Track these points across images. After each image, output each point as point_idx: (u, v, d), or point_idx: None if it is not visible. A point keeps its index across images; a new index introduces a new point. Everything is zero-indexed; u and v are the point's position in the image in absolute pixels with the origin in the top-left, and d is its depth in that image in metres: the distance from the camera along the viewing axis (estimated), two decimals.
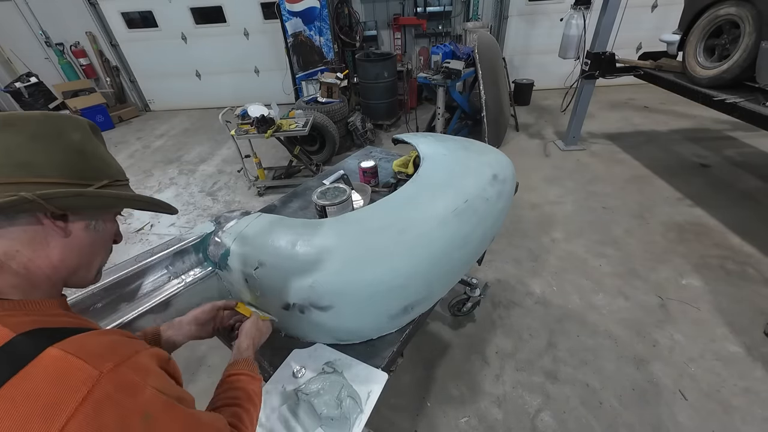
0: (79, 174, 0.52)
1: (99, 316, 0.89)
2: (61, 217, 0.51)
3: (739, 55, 2.30)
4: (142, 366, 0.47)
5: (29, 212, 0.48)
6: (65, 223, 0.51)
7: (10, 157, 0.47)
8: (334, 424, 0.79)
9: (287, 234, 0.98)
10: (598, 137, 4.10)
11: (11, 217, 0.47)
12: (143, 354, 0.49)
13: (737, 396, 1.58)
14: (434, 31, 5.20)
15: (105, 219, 0.59)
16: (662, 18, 5.02)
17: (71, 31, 5.72)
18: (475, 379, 1.73)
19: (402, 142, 1.49)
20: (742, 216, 2.64)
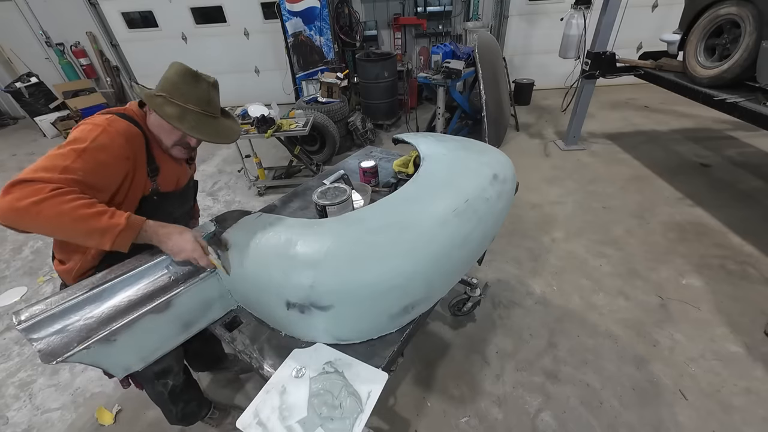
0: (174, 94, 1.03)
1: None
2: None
3: (740, 55, 2.29)
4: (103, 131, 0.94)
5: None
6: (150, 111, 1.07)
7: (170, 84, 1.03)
8: (334, 424, 0.79)
9: (287, 234, 0.98)
10: (599, 137, 4.10)
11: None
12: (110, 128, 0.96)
13: (737, 396, 1.58)
14: (434, 31, 5.20)
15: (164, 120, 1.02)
16: (663, 18, 5.02)
17: (71, 31, 5.72)
18: (475, 379, 1.73)
19: (402, 142, 1.49)
20: (743, 216, 2.64)
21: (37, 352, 0.80)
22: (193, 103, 1.04)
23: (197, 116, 1.04)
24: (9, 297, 2.49)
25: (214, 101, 1.09)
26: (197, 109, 1.04)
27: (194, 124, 1.03)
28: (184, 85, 1.03)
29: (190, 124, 1.02)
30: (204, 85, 1.06)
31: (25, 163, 4.76)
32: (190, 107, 1.03)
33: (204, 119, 1.06)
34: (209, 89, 1.07)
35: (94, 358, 0.85)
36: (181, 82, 1.02)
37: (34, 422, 1.71)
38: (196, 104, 1.04)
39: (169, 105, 1.01)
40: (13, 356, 2.04)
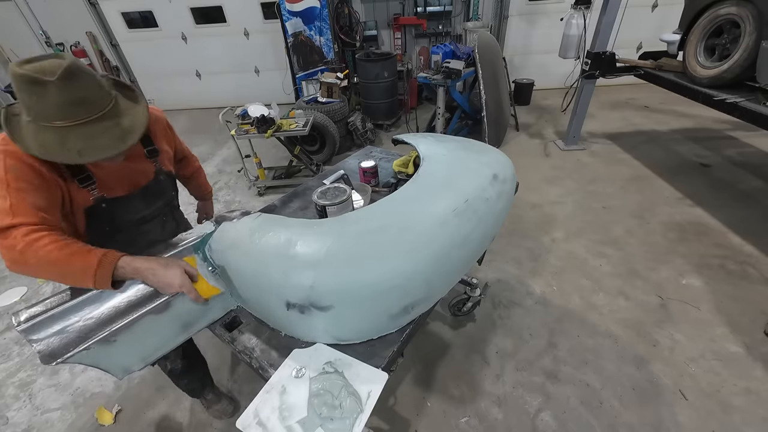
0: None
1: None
2: None
3: (740, 55, 2.29)
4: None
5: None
6: None
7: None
8: (334, 424, 0.79)
9: (287, 234, 0.98)
10: (599, 137, 4.10)
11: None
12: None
13: (737, 396, 1.58)
14: (434, 31, 5.20)
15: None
16: (662, 18, 5.01)
17: (71, 31, 5.72)
18: (475, 379, 1.73)
19: (402, 142, 1.49)
20: (743, 216, 2.64)
21: (37, 353, 0.80)
22: (59, 118, 0.77)
23: (78, 130, 0.79)
24: (9, 297, 2.49)
25: (85, 97, 0.79)
26: (71, 123, 0.78)
27: (82, 145, 0.79)
28: (31, 101, 0.76)
29: (77, 149, 0.79)
30: (51, 90, 0.74)
31: None
32: (60, 125, 0.77)
33: (89, 128, 0.80)
34: (63, 90, 0.75)
35: (93, 359, 0.85)
36: (26, 97, 0.76)
37: (34, 422, 1.71)
38: (63, 118, 0.77)
39: (39, 131, 0.78)
40: (13, 356, 2.04)
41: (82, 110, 0.79)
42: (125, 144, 0.85)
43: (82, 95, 0.78)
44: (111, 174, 1.00)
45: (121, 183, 1.03)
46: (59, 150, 0.78)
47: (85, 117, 0.79)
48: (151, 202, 1.16)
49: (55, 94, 0.75)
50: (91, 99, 0.80)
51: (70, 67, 0.75)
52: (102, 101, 0.83)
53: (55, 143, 0.78)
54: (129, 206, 1.08)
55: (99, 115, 0.82)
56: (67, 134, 0.78)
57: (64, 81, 0.75)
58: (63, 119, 0.77)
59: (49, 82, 0.73)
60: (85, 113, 0.79)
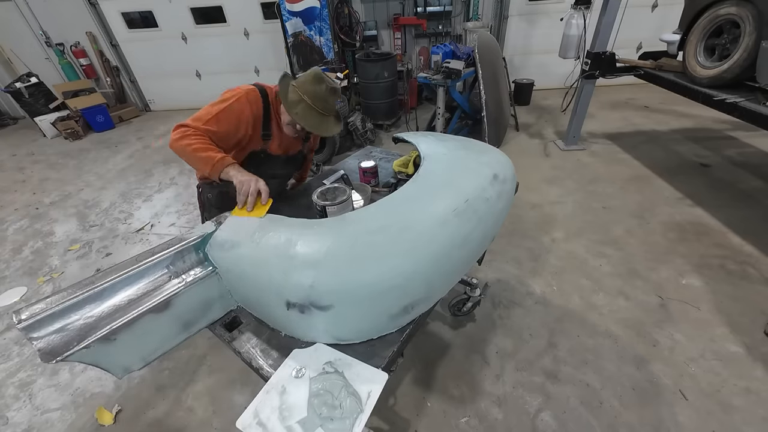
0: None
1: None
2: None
3: (740, 55, 2.29)
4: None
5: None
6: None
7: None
8: (334, 424, 0.79)
9: (287, 234, 0.98)
10: (599, 137, 4.10)
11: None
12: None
13: (737, 396, 1.58)
14: (434, 31, 5.20)
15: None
16: (662, 18, 5.02)
17: (71, 31, 5.72)
18: (475, 379, 1.73)
19: (402, 141, 1.49)
20: (743, 216, 2.64)
21: (37, 351, 0.80)
22: (310, 97, 1.29)
23: (308, 108, 1.30)
24: (9, 297, 2.49)
25: (328, 102, 1.33)
26: (310, 102, 1.29)
27: (301, 114, 1.30)
28: (309, 83, 1.29)
29: (297, 112, 1.29)
30: (323, 87, 1.30)
31: (25, 163, 4.77)
32: (306, 99, 1.29)
33: (313, 113, 1.31)
34: (326, 91, 1.30)
35: (93, 358, 0.85)
36: (310, 80, 1.30)
37: (34, 422, 1.71)
38: (311, 99, 1.29)
39: (294, 93, 1.31)
40: (12, 356, 2.04)
41: (320, 103, 1.31)
42: (316, 131, 1.35)
43: (328, 100, 1.33)
44: (279, 141, 1.49)
45: (281, 147, 1.53)
46: (292, 106, 1.30)
47: (317, 107, 1.31)
48: (286, 167, 1.62)
49: (322, 90, 1.30)
50: (329, 105, 1.34)
51: (336, 89, 1.34)
52: (329, 109, 1.36)
53: (293, 102, 1.30)
54: (275, 163, 1.54)
55: (322, 113, 1.34)
56: (301, 104, 1.30)
57: (330, 89, 1.32)
58: (310, 99, 1.29)
59: (326, 84, 1.31)
60: (319, 106, 1.32)
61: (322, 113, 1.33)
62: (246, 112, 1.33)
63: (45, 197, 3.84)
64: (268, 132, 1.43)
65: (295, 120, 1.32)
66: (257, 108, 1.36)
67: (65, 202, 3.71)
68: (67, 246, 2.99)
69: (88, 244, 2.99)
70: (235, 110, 1.31)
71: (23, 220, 3.43)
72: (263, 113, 1.38)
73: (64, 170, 4.46)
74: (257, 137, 1.41)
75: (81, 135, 5.47)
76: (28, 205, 3.71)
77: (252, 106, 1.34)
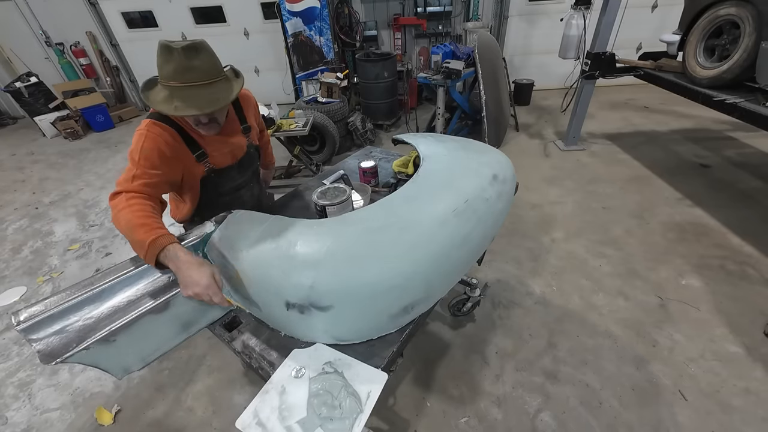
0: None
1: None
2: None
3: (739, 56, 2.30)
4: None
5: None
6: None
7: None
8: (333, 424, 0.79)
9: (287, 234, 0.98)
10: (598, 137, 4.10)
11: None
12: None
13: (737, 396, 1.58)
14: (434, 31, 5.20)
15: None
16: (662, 18, 5.02)
17: (71, 30, 5.72)
18: (475, 379, 1.73)
19: (402, 142, 1.49)
20: (742, 216, 2.64)
21: (37, 352, 0.80)
22: (173, 78, 0.99)
23: (183, 92, 1.00)
24: (8, 297, 2.49)
25: (195, 66, 0.99)
26: (178, 84, 0.99)
27: (179, 104, 1.00)
28: (161, 62, 0.99)
29: (174, 105, 1.00)
30: (175, 55, 0.96)
31: (25, 162, 4.76)
32: (173, 84, 0.99)
33: (191, 92, 1.00)
34: (182, 56, 0.96)
35: (93, 359, 0.85)
36: (159, 61, 0.99)
37: (34, 422, 1.71)
38: (175, 78, 0.98)
39: (160, 90, 1.03)
40: (12, 356, 2.04)
41: (188, 75, 0.99)
42: (209, 109, 1.03)
43: (192, 65, 0.98)
44: (219, 150, 1.24)
45: (225, 156, 1.27)
46: (164, 104, 1.01)
47: (189, 82, 0.99)
48: (244, 171, 1.39)
49: (176, 60, 0.96)
50: (198, 69, 1.00)
51: (191, 42, 0.98)
52: (209, 73, 1.02)
53: (163, 99, 1.01)
54: (230, 175, 1.32)
55: (203, 84, 1.01)
56: (174, 93, 1.00)
57: (184, 51, 0.96)
58: (175, 80, 0.99)
59: (175, 50, 0.96)
60: (190, 78, 0.99)
61: (202, 84, 1.01)
62: (163, 151, 1.08)
63: (45, 197, 3.83)
64: (199, 150, 1.18)
65: (180, 115, 1.02)
66: (168, 137, 1.10)
67: (65, 202, 3.71)
68: (66, 246, 2.99)
69: (88, 244, 2.99)
70: (151, 153, 1.06)
71: (23, 220, 3.43)
72: (181, 136, 1.13)
73: (64, 170, 4.45)
74: (193, 163, 1.19)
75: (81, 135, 5.47)
76: (27, 204, 3.71)
77: (163, 140, 1.08)
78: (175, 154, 1.12)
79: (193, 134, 1.16)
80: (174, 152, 1.11)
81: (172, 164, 1.12)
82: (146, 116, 1.12)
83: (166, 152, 1.09)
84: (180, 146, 1.13)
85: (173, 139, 1.11)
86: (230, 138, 1.28)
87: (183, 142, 1.14)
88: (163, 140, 1.08)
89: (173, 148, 1.11)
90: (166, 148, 1.09)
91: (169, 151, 1.10)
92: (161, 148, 1.08)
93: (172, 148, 1.10)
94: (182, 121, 1.13)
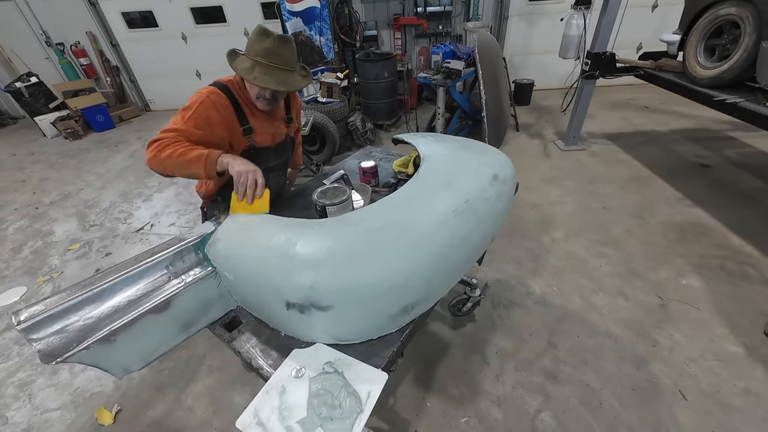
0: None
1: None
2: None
3: (740, 55, 2.29)
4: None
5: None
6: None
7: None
8: (333, 424, 0.79)
9: (287, 234, 0.98)
10: (598, 137, 4.10)
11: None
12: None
13: (737, 396, 1.58)
14: (434, 31, 5.20)
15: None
16: (662, 18, 5.02)
17: (71, 30, 5.72)
18: (475, 379, 1.73)
19: (402, 142, 1.49)
20: (743, 216, 2.64)
21: (37, 352, 0.80)
22: (261, 55, 1.20)
23: (265, 68, 1.21)
24: (9, 297, 2.49)
25: (281, 54, 1.22)
26: (264, 61, 1.20)
27: (260, 76, 1.20)
28: (255, 41, 1.21)
29: (256, 76, 1.20)
30: (270, 40, 1.19)
31: (25, 162, 4.76)
32: (259, 60, 1.20)
33: (271, 70, 1.21)
34: (275, 42, 1.20)
35: (93, 359, 0.85)
36: (254, 39, 1.21)
37: (34, 422, 1.71)
38: (263, 56, 1.20)
39: (245, 60, 1.23)
40: (12, 356, 2.04)
41: (274, 58, 1.21)
42: (281, 87, 1.24)
43: (280, 52, 1.22)
44: (263, 130, 1.40)
45: (266, 137, 1.43)
46: (247, 72, 1.21)
47: (273, 63, 1.22)
48: (278, 157, 1.54)
49: (269, 43, 1.20)
50: (284, 56, 1.23)
51: (284, 35, 1.23)
52: (289, 62, 1.26)
53: (246, 68, 1.21)
54: (267, 155, 1.46)
55: (281, 67, 1.24)
56: (257, 66, 1.21)
57: (278, 39, 1.21)
58: (262, 57, 1.20)
59: (272, 35, 1.20)
60: (275, 60, 1.22)
61: (281, 68, 1.23)
62: (214, 116, 1.24)
63: (45, 197, 3.84)
64: (247, 126, 1.35)
65: (257, 84, 1.21)
66: (224, 107, 1.28)
67: (65, 202, 3.71)
68: (66, 246, 2.99)
69: (88, 244, 2.99)
70: (202, 114, 1.22)
71: (23, 220, 3.43)
72: (234, 108, 1.30)
73: (64, 170, 4.46)
74: (239, 136, 1.34)
75: (81, 135, 5.47)
76: (27, 204, 3.71)
77: (218, 108, 1.26)
78: (224, 121, 1.28)
79: (248, 111, 1.34)
80: (223, 119, 1.27)
81: (217, 130, 1.27)
82: (214, 82, 1.32)
83: (215, 118, 1.25)
84: (231, 116, 1.30)
85: (226, 109, 1.28)
86: (275, 122, 1.46)
87: (235, 113, 1.31)
88: (219, 106, 1.26)
89: (224, 116, 1.28)
90: (217, 114, 1.25)
91: (219, 118, 1.26)
92: (212, 113, 1.24)
93: (222, 116, 1.27)
94: (242, 97, 1.32)
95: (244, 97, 1.33)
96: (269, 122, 1.43)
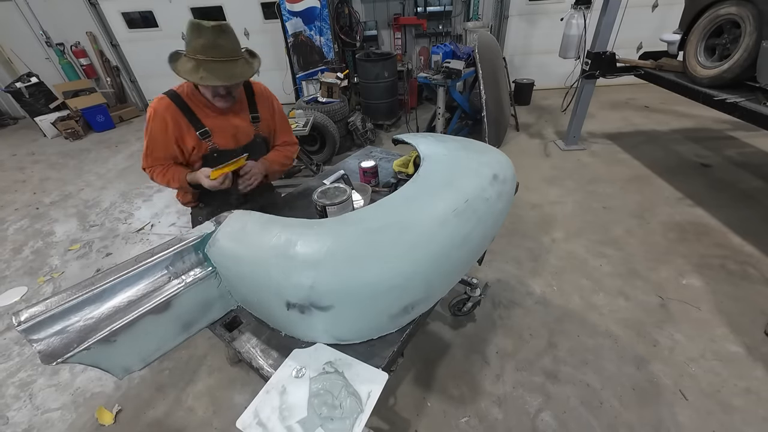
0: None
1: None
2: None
3: (740, 55, 2.29)
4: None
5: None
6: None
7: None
8: (334, 424, 0.79)
9: (287, 234, 0.98)
10: (599, 137, 4.10)
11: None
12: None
13: (737, 396, 1.58)
14: (434, 31, 5.20)
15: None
16: (663, 18, 5.01)
17: (72, 31, 5.72)
18: (475, 379, 1.73)
19: (402, 142, 1.49)
20: (743, 216, 2.64)
21: (37, 353, 0.80)
22: (200, 52, 1.14)
23: (208, 65, 1.16)
24: (9, 297, 2.49)
25: (220, 45, 1.16)
26: (204, 57, 1.15)
27: (206, 74, 1.15)
28: (192, 38, 1.15)
29: (202, 76, 1.15)
30: (205, 33, 1.13)
31: (25, 163, 4.77)
32: (199, 57, 1.15)
33: (214, 66, 1.16)
34: (211, 35, 1.13)
35: (94, 359, 0.85)
36: (190, 36, 1.15)
37: (34, 422, 1.71)
38: (202, 53, 1.14)
39: (187, 61, 1.18)
40: (13, 356, 2.04)
41: (215, 52, 1.15)
42: (227, 82, 1.20)
43: (219, 43, 1.15)
44: (223, 131, 1.36)
45: (228, 139, 1.39)
46: (191, 74, 1.16)
47: (216, 57, 1.16)
48: (248, 158, 1.44)
49: (206, 37, 1.13)
50: (224, 47, 1.17)
51: (218, 23, 1.15)
52: (230, 53, 1.19)
53: (189, 69, 1.16)
54: (232, 157, 1.34)
55: (225, 59, 1.18)
56: (200, 65, 1.15)
57: (214, 30, 1.14)
58: (203, 54, 1.15)
59: (206, 28, 1.13)
60: (217, 54, 1.16)
61: (224, 60, 1.18)
62: (167, 127, 1.26)
63: (45, 197, 3.84)
64: (203, 129, 1.31)
65: (203, 84, 1.19)
66: (172, 115, 1.26)
67: (65, 202, 3.71)
68: (67, 246, 2.99)
69: (89, 244, 3.00)
70: (157, 130, 1.26)
71: (23, 220, 3.43)
72: (184, 113, 1.28)
73: (65, 170, 4.46)
74: (195, 140, 1.32)
75: (81, 135, 5.47)
76: (28, 204, 3.71)
77: (168, 117, 1.26)
78: (177, 131, 1.28)
79: (198, 113, 1.31)
80: (175, 129, 1.28)
81: (172, 141, 1.29)
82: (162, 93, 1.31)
83: (170, 130, 1.27)
84: (182, 125, 1.28)
85: (173, 115, 1.26)
86: (234, 120, 1.39)
87: (186, 118, 1.28)
88: (169, 114, 1.25)
89: (176, 124, 1.27)
90: (170, 122, 1.26)
91: (173, 126, 1.27)
92: (166, 127, 1.26)
93: (176, 123, 1.27)
94: (192, 99, 1.29)
95: (196, 100, 1.30)
96: (226, 120, 1.37)
